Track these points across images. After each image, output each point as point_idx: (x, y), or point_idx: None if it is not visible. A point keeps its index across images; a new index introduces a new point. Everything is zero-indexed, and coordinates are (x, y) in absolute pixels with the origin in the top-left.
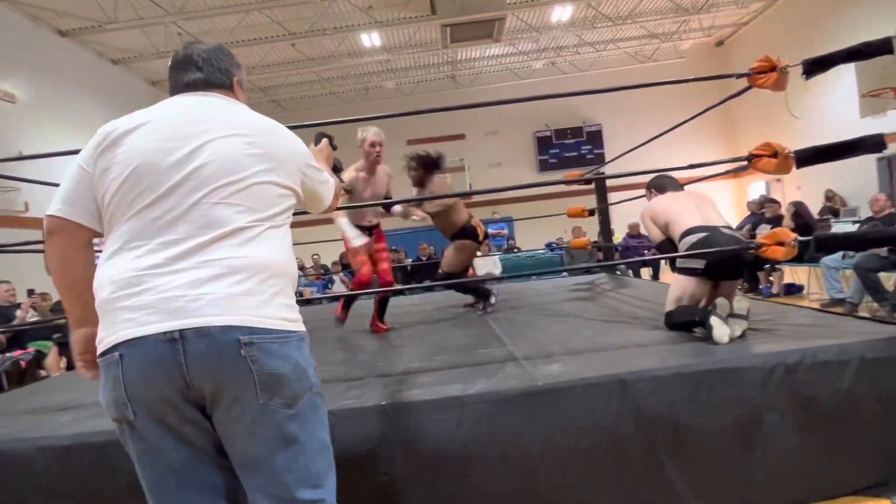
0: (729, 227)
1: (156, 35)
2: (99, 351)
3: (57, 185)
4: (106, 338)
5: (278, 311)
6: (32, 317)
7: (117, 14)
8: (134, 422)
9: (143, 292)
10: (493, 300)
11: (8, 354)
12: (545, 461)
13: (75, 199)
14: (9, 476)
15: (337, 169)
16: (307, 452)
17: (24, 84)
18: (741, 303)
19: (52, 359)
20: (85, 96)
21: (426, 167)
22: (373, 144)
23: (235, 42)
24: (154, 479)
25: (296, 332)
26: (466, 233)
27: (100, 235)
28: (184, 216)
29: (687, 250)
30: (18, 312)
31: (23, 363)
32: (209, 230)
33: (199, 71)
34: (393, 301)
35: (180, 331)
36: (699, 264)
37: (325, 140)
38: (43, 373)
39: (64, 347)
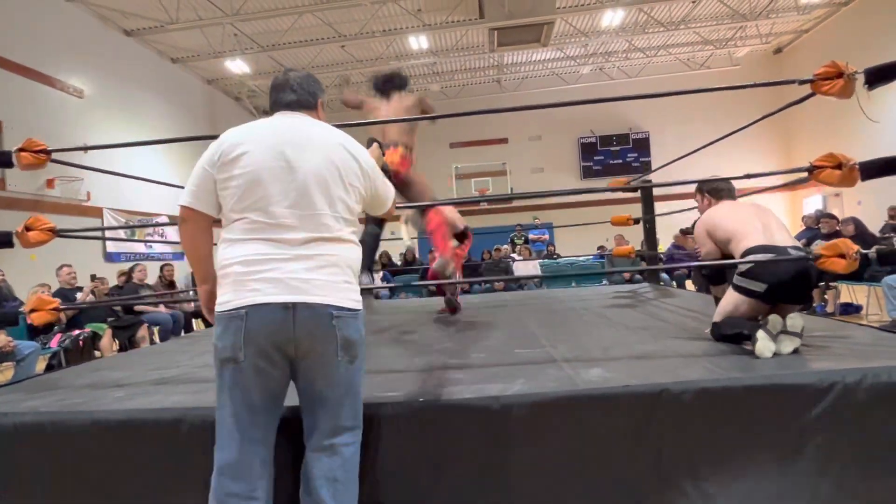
0: (796, 248)
1: (213, 35)
2: (224, 308)
3: (117, 174)
4: (234, 300)
5: (353, 295)
6: (90, 299)
7: (179, 15)
8: (242, 363)
9: (268, 271)
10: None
11: (68, 334)
12: (581, 466)
13: (201, 194)
14: (67, 445)
15: (385, 172)
16: (356, 395)
17: (91, 80)
18: (795, 320)
19: (107, 340)
20: (145, 93)
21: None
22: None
23: (287, 43)
24: (234, 411)
25: (360, 310)
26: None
27: (218, 221)
28: (300, 221)
29: (747, 271)
30: (79, 295)
31: (81, 341)
32: (317, 233)
33: (293, 93)
34: (429, 300)
35: (294, 303)
36: (759, 287)
37: (375, 144)
38: (97, 353)
39: (117, 330)
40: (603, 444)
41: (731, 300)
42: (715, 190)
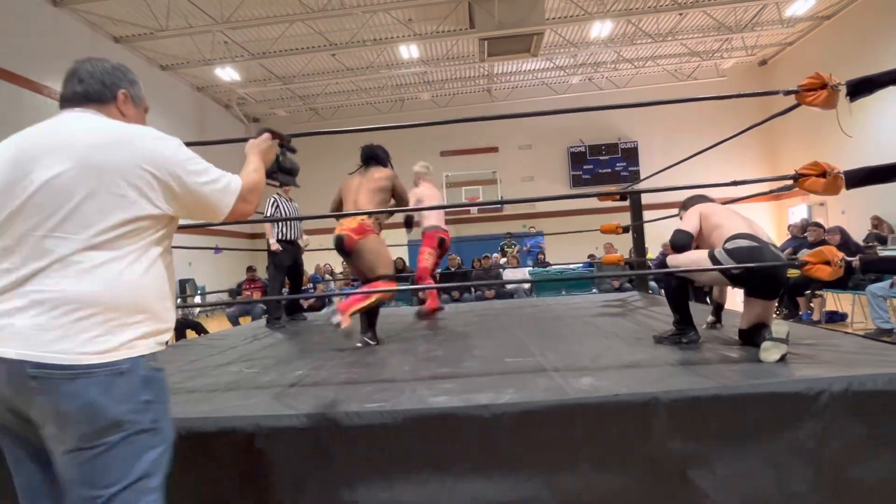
0: (775, 246)
1: (203, 43)
2: None
3: None
4: None
5: (85, 346)
6: None
7: (169, 22)
8: None
9: None
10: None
11: None
12: (572, 475)
13: None
14: None
15: (287, 170)
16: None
17: None
18: (781, 326)
19: None
20: None
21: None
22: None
23: (278, 51)
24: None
25: (104, 364)
26: None
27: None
28: (16, 247)
29: (732, 251)
30: None
31: None
32: (38, 262)
33: (79, 83)
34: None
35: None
36: (735, 269)
37: (265, 135)
38: None
39: None
40: (594, 453)
41: (699, 262)
42: (700, 198)
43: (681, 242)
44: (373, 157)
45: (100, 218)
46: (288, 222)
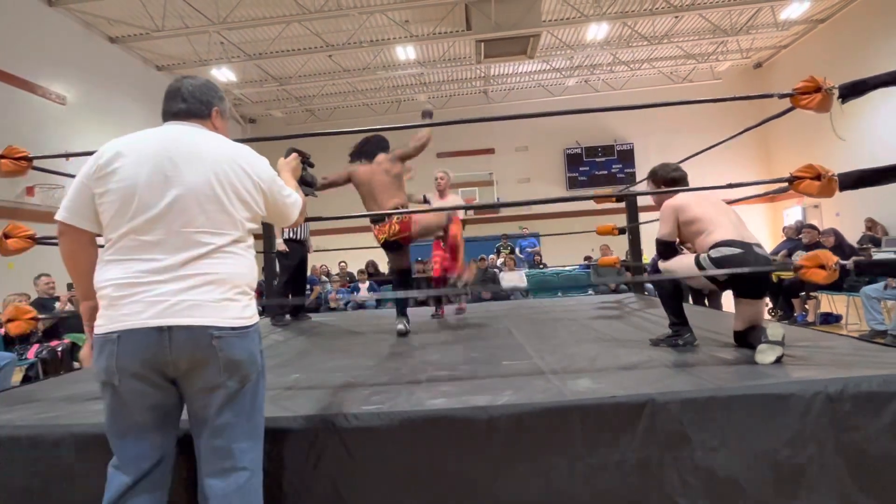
0: (759, 245)
1: (199, 44)
2: (98, 332)
3: None
4: (107, 323)
5: (238, 313)
6: (69, 309)
7: (165, 23)
8: (118, 386)
9: (141, 293)
10: (401, 326)
11: (45, 344)
12: (569, 477)
13: (77, 208)
14: (44, 460)
15: (308, 183)
16: (250, 418)
17: (73, 87)
18: (776, 329)
19: (86, 350)
20: (129, 100)
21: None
22: (436, 178)
23: (274, 52)
24: (120, 431)
25: (251, 328)
26: None
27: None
28: (176, 239)
29: (718, 259)
30: (57, 304)
31: (59, 352)
32: (195, 250)
33: (183, 102)
34: (419, 310)
35: (169, 326)
36: (722, 277)
37: (293, 154)
38: (76, 364)
39: None
40: (591, 455)
41: (689, 267)
42: (672, 181)
43: (664, 251)
44: (375, 149)
45: (237, 218)
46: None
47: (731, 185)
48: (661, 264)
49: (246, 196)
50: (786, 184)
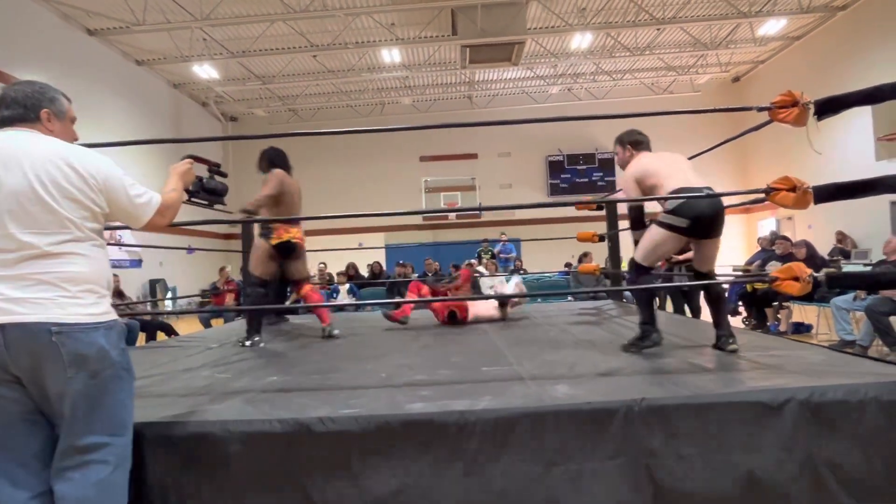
0: (709, 188)
1: (181, 39)
2: None
3: None
4: None
5: (80, 309)
6: None
7: (146, 17)
8: None
9: None
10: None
11: None
12: (547, 483)
13: None
14: None
15: (213, 191)
16: (107, 410)
17: (50, 79)
18: (733, 347)
19: None
20: (107, 94)
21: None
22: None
23: (258, 50)
24: None
25: (100, 323)
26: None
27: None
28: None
29: (673, 209)
30: None
31: None
32: (23, 251)
33: (6, 109)
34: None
35: (2, 324)
36: (683, 222)
37: (186, 160)
38: None
39: None
40: (569, 460)
41: (654, 237)
42: (636, 142)
43: (636, 217)
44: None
45: (68, 217)
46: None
47: (710, 196)
48: (634, 235)
49: (77, 195)
50: (762, 195)
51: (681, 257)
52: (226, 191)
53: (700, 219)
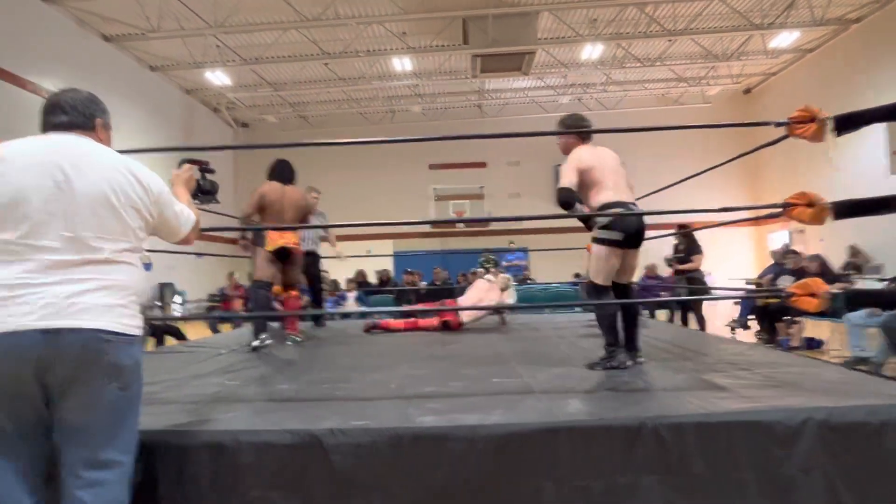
0: (634, 204)
1: (195, 46)
2: None
3: None
4: None
5: (127, 320)
6: None
7: (161, 24)
8: None
9: (29, 294)
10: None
11: None
12: (557, 498)
13: None
14: None
15: (206, 191)
16: (126, 426)
17: (65, 84)
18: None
19: None
20: (121, 99)
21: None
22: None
23: (270, 58)
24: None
25: (136, 336)
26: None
27: None
28: (68, 243)
29: (608, 224)
30: None
31: None
32: (87, 255)
33: (64, 114)
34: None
35: (58, 328)
36: (619, 236)
37: (186, 165)
38: None
39: None
40: (580, 477)
41: (601, 256)
42: (583, 132)
43: (567, 200)
44: (291, 175)
45: (131, 226)
46: (305, 235)
47: (725, 209)
48: (592, 275)
49: (139, 204)
50: (779, 209)
51: (684, 267)
52: (217, 188)
53: (632, 232)
